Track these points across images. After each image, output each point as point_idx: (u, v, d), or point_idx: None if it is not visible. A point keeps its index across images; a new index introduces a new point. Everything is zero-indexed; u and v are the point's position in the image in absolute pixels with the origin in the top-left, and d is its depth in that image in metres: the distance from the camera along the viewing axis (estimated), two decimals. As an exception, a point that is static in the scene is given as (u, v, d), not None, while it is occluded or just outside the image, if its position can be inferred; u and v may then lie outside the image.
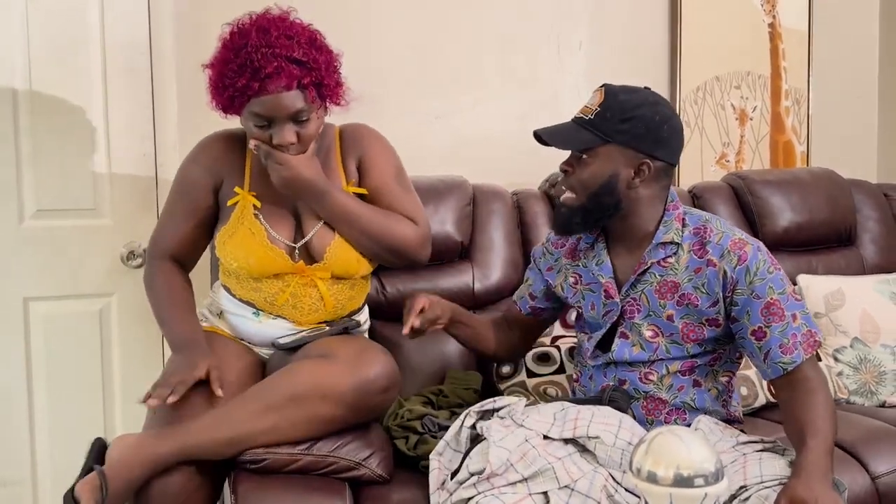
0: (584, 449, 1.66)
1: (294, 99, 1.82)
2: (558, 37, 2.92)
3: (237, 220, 1.94)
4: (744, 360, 2.30)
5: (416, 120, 2.78)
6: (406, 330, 1.84)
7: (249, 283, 1.97)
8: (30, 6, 2.29)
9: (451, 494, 1.63)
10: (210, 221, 2.01)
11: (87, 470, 1.70)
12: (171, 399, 1.72)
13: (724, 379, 1.82)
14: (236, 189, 1.96)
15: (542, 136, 1.77)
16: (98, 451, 1.73)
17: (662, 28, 3.04)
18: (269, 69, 1.77)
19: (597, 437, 1.63)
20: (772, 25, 3.14)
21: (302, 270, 1.94)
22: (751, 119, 3.14)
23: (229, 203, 1.96)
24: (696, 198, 2.73)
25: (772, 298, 1.69)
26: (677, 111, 3.01)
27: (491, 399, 1.78)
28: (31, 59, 2.31)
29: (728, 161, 3.12)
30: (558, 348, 2.29)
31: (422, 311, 1.86)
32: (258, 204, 1.95)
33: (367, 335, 2.17)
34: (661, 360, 1.77)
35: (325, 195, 1.91)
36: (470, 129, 2.84)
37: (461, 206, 2.46)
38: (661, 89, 3.01)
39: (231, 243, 1.93)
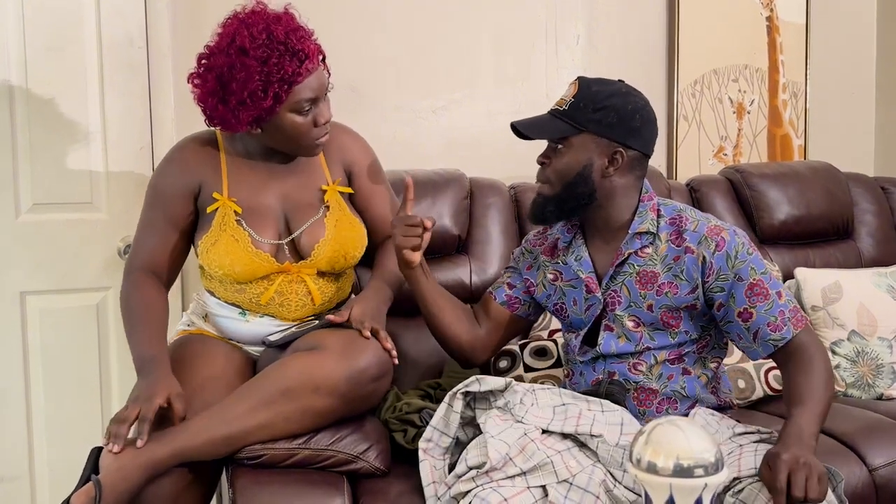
0: (583, 444, 1.66)
1: (323, 73, 1.87)
2: (556, 31, 2.92)
3: (219, 227, 1.90)
4: (737, 352, 2.32)
5: (413, 114, 2.78)
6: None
7: (233, 286, 1.94)
8: (25, 0, 2.28)
9: (449, 488, 1.63)
10: (191, 229, 1.96)
11: (85, 480, 1.67)
12: (138, 444, 1.64)
13: (712, 365, 1.83)
14: (215, 195, 1.91)
15: (518, 128, 1.80)
16: (95, 460, 1.70)
17: (660, 22, 3.03)
18: (307, 48, 1.80)
19: (600, 436, 1.63)
20: (769, 19, 3.14)
21: (288, 269, 1.93)
22: (748, 112, 3.14)
23: (209, 210, 1.91)
24: (694, 191, 2.73)
25: (754, 279, 1.71)
26: (675, 105, 3.02)
27: (474, 378, 1.73)
28: (28, 54, 2.30)
29: (725, 154, 3.12)
30: (555, 342, 2.29)
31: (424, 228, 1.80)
32: (239, 210, 1.91)
33: None
34: (648, 349, 1.77)
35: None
36: (467, 123, 2.84)
37: (458, 199, 2.46)
38: (659, 83, 3.03)
39: (214, 251, 1.89)
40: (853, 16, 3.31)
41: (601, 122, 1.73)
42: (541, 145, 1.83)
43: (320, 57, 1.86)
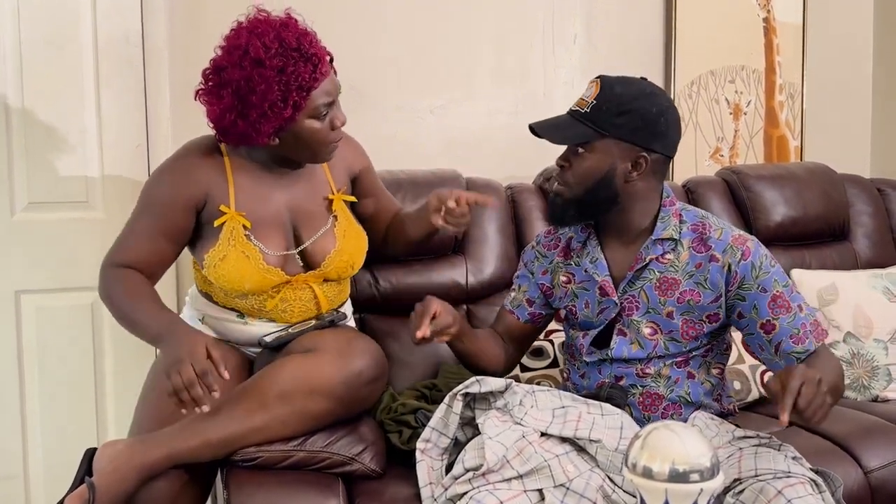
0: (581, 448, 1.66)
1: (335, 76, 1.85)
2: (553, 30, 2.91)
3: (227, 241, 1.84)
4: (734, 353, 2.32)
5: (411, 114, 2.78)
6: (418, 335, 1.71)
7: (236, 293, 1.91)
8: (21, -2, 2.28)
9: (445, 489, 1.63)
10: (185, 240, 1.89)
11: (78, 481, 1.66)
12: (216, 395, 1.59)
13: (715, 371, 1.82)
14: (222, 208, 1.85)
15: (538, 131, 1.76)
16: (89, 462, 1.69)
17: (657, 22, 3.03)
18: (318, 52, 1.78)
19: (598, 441, 1.63)
20: (766, 20, 3.14)
21: (297, 279, 1.91)
22: (745, 113, 3.14)
23: (216, 223, 1.85)
24: (690, 192, 2.73)
25: (777, 291, 1.70)
26: (672, 105, 3.01)
27: (474, 379, 1.71)
28: (23, 51, 2.30)
29: (722, 155, 3.12)
30: (551, 342, 2.29)
31: (434, 316, 1.75)
32: (248, 224, 1.86)
33: (353, 325, 2.16)
34: (660, 356, 1.76)
35: None
36: (464, 123, 2.83)
37: (455, 199, 2.45)
38: (656, 83, 3.01)
39: (223, 267, 1.84)
40: (850, 17, 3.32)
41: (624, 127, 1.68)
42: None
43: (329, 59, 1.84)
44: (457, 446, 1.74)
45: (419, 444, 1.74)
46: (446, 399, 1.72)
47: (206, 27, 1.87)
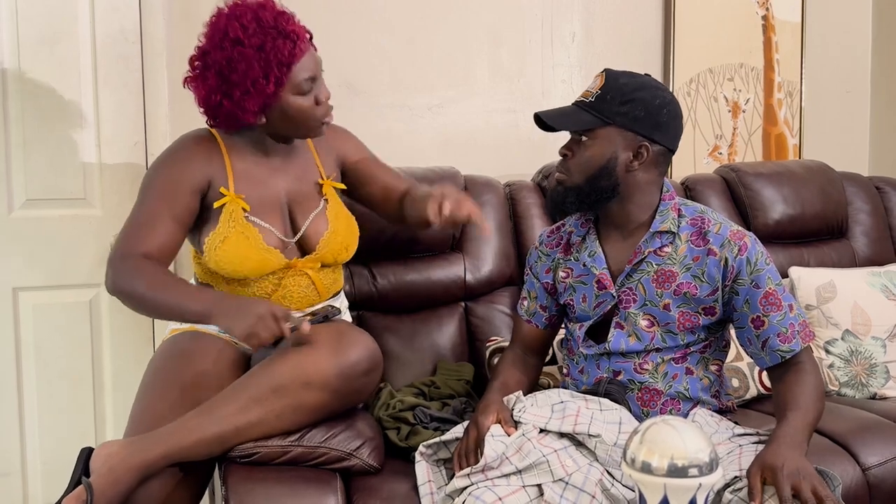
0: (580, 443, 1.66)
1: (315, 52, 1.90)
2: (551, 28, 2.91)
3: (226, 223, 1.87)
4: (732, 351, 2.32)
5: (409, 112, 2.78)
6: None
7: (236, 282, 1.92)
8: (19, -6, 2.28)
9: (445, 484, 1.63)
10: (191, 223, 1.90)
11: (75, 482, 1.66)
12: (305, 327, 1.73)
13: (713, 368, 1.83)
14: (222, 190, 1.89)
15: (543, 118, 1.77)
16: (86, 462, 1.68)
17: (656, 20, 3.03)
18: (296, 30, 1.84)
19: (598, 436, 1.63)
20: (765, 18, 3.14)
21: (294, 265, 1.93)
22: (743, 111, 3.14)
23: (216, 205, 1.88)
24: (689, 189, 2.73)
25: (770, 288, 1.72)
26: (671, 103, 3.01)
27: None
28: (21, 48, 2.30)
29: (721, 153, 3.13)
30: (550, 340, 2.29)
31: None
32: (247, 207, 1.89)
33: (349, 319, 2.15)
34: (657, 349, 1.77)
35: None
36: (462, 120, 2.83)
37: (453, 196, 2.45)
38: (654, 81, 3.03)
39: (223, 249, 1.86)
40: (848, 15, 3.32)
41: (628, 115, 1.71)
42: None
43: (308, 36, 1.88)
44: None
45: (422, 448, 1.76)
46: (468, 428, 1.73)
47: (203, 24, 1.87)
